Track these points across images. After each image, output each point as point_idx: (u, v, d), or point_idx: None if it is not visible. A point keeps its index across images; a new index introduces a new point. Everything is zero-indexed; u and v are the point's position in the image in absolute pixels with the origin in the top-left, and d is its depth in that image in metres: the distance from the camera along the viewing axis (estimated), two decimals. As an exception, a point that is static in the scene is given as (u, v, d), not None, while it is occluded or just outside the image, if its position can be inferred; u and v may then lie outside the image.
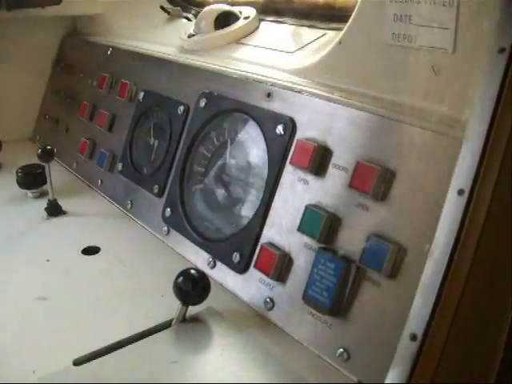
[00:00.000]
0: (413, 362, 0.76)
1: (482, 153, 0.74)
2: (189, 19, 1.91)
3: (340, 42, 1.12)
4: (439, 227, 0.77)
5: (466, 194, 0.75)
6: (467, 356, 0.84)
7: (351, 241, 0.97)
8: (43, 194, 1.67)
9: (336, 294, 0.95)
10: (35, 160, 1.60)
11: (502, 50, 0.75)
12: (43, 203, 1.59)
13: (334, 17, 1.46)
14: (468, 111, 0.79)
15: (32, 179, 1.67)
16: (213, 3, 1.88)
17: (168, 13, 1.98)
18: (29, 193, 1.69)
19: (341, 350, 0.94)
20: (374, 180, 0.94)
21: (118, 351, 1.02)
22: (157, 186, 1.44)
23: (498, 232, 0.77)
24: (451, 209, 0.76)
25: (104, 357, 1.01)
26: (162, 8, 1.99)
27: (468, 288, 0.75)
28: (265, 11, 1.67)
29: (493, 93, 0.75)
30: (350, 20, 1.09)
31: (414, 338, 0.76)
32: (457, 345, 0.79)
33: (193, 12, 1.95)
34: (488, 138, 0.74)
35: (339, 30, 1.19)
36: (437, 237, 0.77)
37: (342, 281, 0.95)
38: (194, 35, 1.63)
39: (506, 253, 0.79)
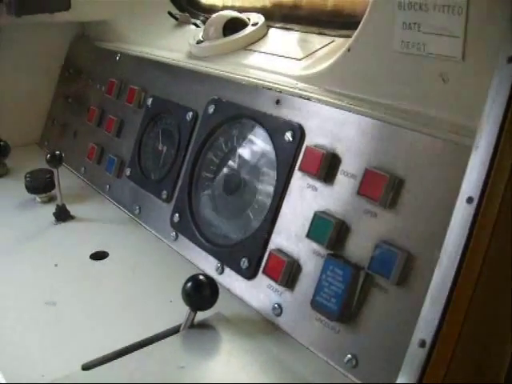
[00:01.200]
0: (422, 369, 0.76)
1: (491, 161, 0.74)
2: (197, 25, 1.92)
3: (349, 50, 1.12)
4: (448, 235, 0.77)
5: (475, 202, 0.75)
6: (476, 363, 0.84)
7: (360, 248, 0.98)
8: (51, 199, 1.68)
9: (344, 301, 0.96)
10: (43, 165, 1.61)
11: (510, 59, 0.76)
12: (51, 208, 1.59)
13: (343, 23, 1.46)
14: (477, 119, 0.79)
15: (41, 184, 1.68)
16: (221, 10, 1.89)
17: (176, 19, 1.98)
18: (37, 197, 1.70)
19: (349, 356, 0.95)
20: (382, 187, 0.94)
21: (127, 356, 1.03)
22: (165, 192, 1.45)
23: (507, 240, 0.77)
24: (460, 216, 0.76)
25: (112, 362, 1.01)
26: (170, 14, 1.99)
27: (477, 295, 0.76)
28: (273, 18, 1.68)
29: (502, 101, 0.75)
30: (359, 27, 1.09)
31: (422, 344, 0.76)
32: (466, 352, 0.79)
33: (201, 18, 1.95)
34: (497, 146, 0.74)
35: (348, 36, 1.20)
36: (445, 244, 0.77)
37: (351, 287, 0.95)
38: (202, 41, 1.64)
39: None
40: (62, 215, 1.58)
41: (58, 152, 1.55)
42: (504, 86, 0.76)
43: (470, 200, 0.76)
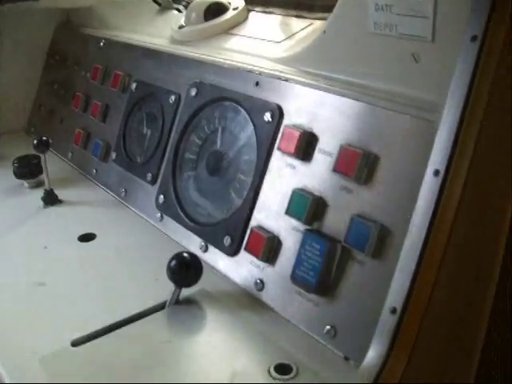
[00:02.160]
0: (393, 335, 0.80)
1: (456, 136, 0.78)
2: (179, 10, 1.93)
3: (324, 32, 1.15)
4: (417, 206, 0.81)
5: (442, 175, 0.78)
6: (451, 331, 0.87)
7: (336, 222, 1.01)
8: (39, 184, 1.70)
9: (322, 273, 0.99)
10: (30, 151, 1.63)
11: (474, 38, 0.79)
12: (39, 193, 1.62)
13: (321, 7, 1.49)
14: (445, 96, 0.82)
15: (28, 170, 1.70)
16: (203, -6, 1.91)
17: (159, 4, 2.00)
18: (25, 183, 1.72)
19: (328, 327, 0.98)
20: (356, 163, 0.97)
21: (115, 332, 1.06)
22: (150, 174, 1.47)
23: (472, 211, 0.81)
24: (427, 189, 0.80)
25: (101, 338, 1.04)
26: (153, 0, 2.01)
27: (445, 263, 0.79)
28: (253, 2, 1.69)
29: (466, 79, 0.79)
30: (334, 10, 1.12)
31: (393, 311, 0.80)
32: (437, 319, 0.83)
33: (183, 3, 1.97)
34: (462, 121, 0.78)
35: (325, 19, 1.22)
36: (414, 215, 0.81)
37: (328, 260, 0.99)
38: (184, 26, 1.66)
39: (479, 232, 0.83)
40: (50, 199, 1.60)
41: (44, 138, 1.57)
42: (468, 64, 0.79)
43: (436, 173, 0.79)
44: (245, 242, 1.17)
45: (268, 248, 1.11)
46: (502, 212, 0.84)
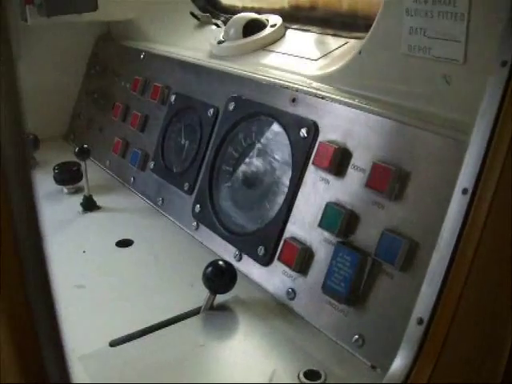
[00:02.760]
0: (419, 344, 0.83)
1: (485, 156, 0.81)
2: (218, 25, 1.97)
3: (360, 52, 1.19)
4: (444, 223, 0.84)
5: (470, 193, 0.82)
6: (473, 342, 0.90)
7: (367, 236, 1.05)
8: (78, 191, 1.76)
9: (352, 285, 1.03)
10: (69, 157, 1.69)
11: (504, 63, 0.82)
12: (78, 199, 1.67)
13: (357, 25, 1.52)
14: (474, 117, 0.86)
15: (68, 176, 1.75)
16: (241, 10, 1.96)
17: (198, 19, 2.04)
18: (64, 188, 1.77)
19: (356, 336, 1.01)
20: (388, 180, 1.01)
21: (151, 334, 1.10)
22: (187, 184, 1.52)
23: (498, 228, 0.84)
24: (456, 206, 0.83)
25: (138, 339, 1.09)
26: (192, 14, 2.05)
27: (471, 278, 0.82)
28: (290, 19, 1.74)
29: (495, 102, 0.82)
30: (370, 31, 1.16)
31: (420, 321, 0.83)
32: (462, 330, 0.85)
33: (221, 19, 2.01)
34: (490, 141, 0.81)
35: (361, 38, 1.25)
36: (442, 231, 0.84)
37: (358, 272, 1.02)
38: (223, 41, 1.71)
39: (504, 248, 0.86)
40: (89, 205, 1.66)
41: (85, 146, 1.63)
42: (498, 88, 0.82)
43: (465, 191, 0.82)
44: (278, 252, 1.20)
45: (301, 259, 1.14)
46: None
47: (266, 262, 1.23)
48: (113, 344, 1.08)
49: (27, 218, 0.47)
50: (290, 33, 1.68)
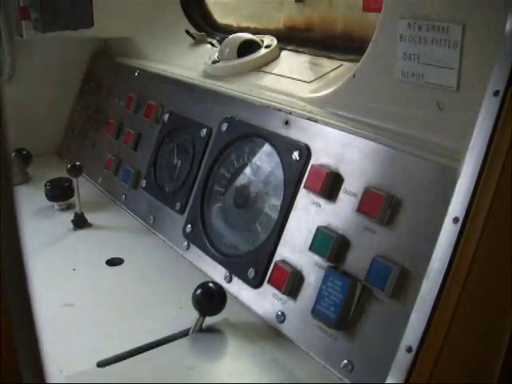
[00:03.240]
0: (408, 372, 0.83)
1: (476, 185, 0.81)
2: (213, 45, 1.98)
3: (354, 76, 1.19)
4: (435, 251, 0.84)
5: (460, 222, 0.82)
6: (466, 369, 0.90)
7: (358, 261, 1.04)
8: (69, 207, 1.75)
9: (342, 310, 1.02)
10: (62, 173, 1.68)
11: (496, 93, 0.83)
12: (69, 215, 1.67)
13: (352, 48, 1.53)
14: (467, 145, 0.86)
15: (60, 192, 1.75)
16: (236, 30, 1.96)
17: (193, 38, 2.05)
18: (56, 205, 1.76)
19: (345, 361, 1.01)
20: (380, 206, 1.01)
21: (139, 355, 1.10)
22: (179, 204, 1.52)
23: (490, 258, 0.84)
24: (446, 235, 0.83)
25: (126, 360, 1.08)
26: (188, 33, 2.06)
27: (461, 307, 0.82)
28: (285, 40, 1.74)
29: (487, 132, 0.82)
30: (364, 56, 1.17)
31: (409, 350, 0.83)
32: (451, 359, 0.85)
33: (217, 38, 2.02)
34: (482, 171, 0.82)
35: (355, 61, 1.26)
36: (432, 259, 0.84)
37: (348, 298, 1.02)
38: (217, 61, 1.71)
39: (496, 277, 0.86)
40: (80, 222, 1.65)
41: (78, 163, 1.62)
42: (489, 118, 0.83)
43: (455, 220, 0.83)
44: (268, 274, 1.20)
45: (291, 282, 1.14)
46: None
47: (256, 284, 1.23)
48: (101, 364, 1.08)
49: (8, 234, 0.47)
50: (284, 54, 1.69)
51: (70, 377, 1.04)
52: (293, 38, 1.79)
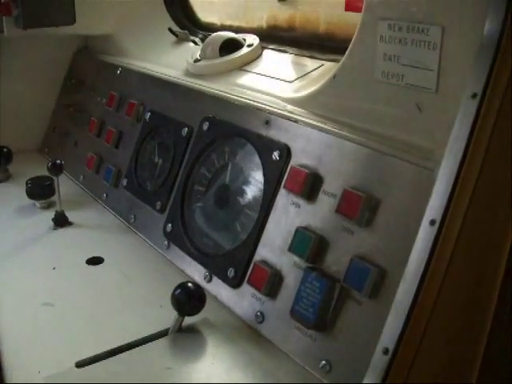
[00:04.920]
0: (384, 374, 0.83)
1: (453, 188, 0.82)
2: (195, 43, 1.97)
3: (334, 76, 1.19)
4: (412, 253, 0.84)
5: (437, 224, 0.82)
6: (440, 370, 0.90)
7: (336, 262, 1.04)
8: (50, 205, 1.74)
9: (320, 311, 1.02)
10: (43, 171, 1.67)
11: (474, 96, 0.83)
12: (50, 214, 1.66)
13: (333, 48, 1.53)
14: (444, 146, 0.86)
15: (41, 191, 1.74)
16: (219, 28, 1.96)
17: (176, 35, 2.05)
18: (37, 203, 1.76)
19: (323, 362, 1.01)
20: (358, 206, 1.01)
21: (118, 356, 1.09)
22: (159, 203, 1.51)
23: (466, 261, 0.84)
24: (423, 237, 0.83)
25: (104, 360, 1.08)
26: (171, 31, 2.06)
27: (437, 309, 0.82)
28: (268, 39, 1.74)
29: (465, 133, 0.82)
30: (344, 56, 1.16)
31: (386, 351, 0.83)
32: (428, 360, 0.86)
33: (200, 36, 2.01)
34: (459, 174, 0.82)
35: (337, 60, 1.25)
36: (409, 262, 0.84)
37: (327, 298, 1.02)
38: (199, 60, 1.71)
39: (473, 279, 0.86)
40: (61, 221, 1.64)
41: (58, 161, 1.61)
42: (467, 120, 0.83)
43: (432, 222, 0.83)
44: (248, 275, 1.20)
45: (270, 282, 1.14)
46: (496, 264, 0.87)
47: (235, 284, 1.22)
48: (79, 365, 1.07)
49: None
50: (266, 53, 1.69)
51: (49, 377, 1.04)
52: (275, 37, 1.79)
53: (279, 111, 1.29)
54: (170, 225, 1.45)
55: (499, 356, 0.94)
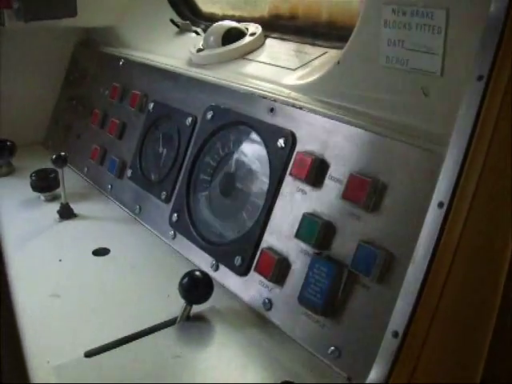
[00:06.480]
0: (394, 357, 0.83)
1: (460, 170, 0.82)
2: (197, 33, 1.97)
3: (338, 62, 1.19)
4: (420, 236, 0.84)
5: (445, 207, 0.82)
6: (450, 354, 0.90)
7: (344, 247, 1.05)
8: (55, 198, 1.74)
9: (328, 296, 1.02)
10: (47, 164, 1.67)
11: (480, 78, 0.83)
12: (55, 206, 1.66)
13: (336, 35, 1.52)
14: (451, 130, 0.86)
15: (45, 183, 1.74)
16: (221, 18, 1.95)
17: (178, 26, 2.04)
18: (41, 196, 1.76)
19: (332, 348, 1.01)
20: (365, 191, 1.01)
21: (127, 345, 1.10)
22: (164, 193, 1.51)
23: (474, 243, 0.84)
24: (431, 220, 0.83)
25: (113, 350, 1.08)
26: (172, 22, 2.05)
27: (446, 292, 0.82)
28: (270, 28, 1.74)
29: (471, 116, 0.82)
30: (348, 42, 1.16)
31: (395, 335, 0.83)
32: (438, 343, 0.86)
33: (201, 26, 2.01)
34: (466, 156, 0.82)
35: (340, 48, 1.25)
36: (418, 244, 0.84)
37: (334, 284, 1.02)
38: (202, 50, 1.70)
39: (482, 262, 0.86)
40: (66, 213, 1.64)
41: (63, 153, 1.61)
42: (474, 102, 0.83)
43: (440, 205, 0.83)
44: (255, 262, 1.20)
45: (277, 269, 1.14)
46: (503, 244, 0.87)
47: (242, 272, 1.22)
48: (88, 354, 1.07)
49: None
50: (269, 42, 1.69)
51: (57, 367, 1.04)
52: (277, 25, 1.78)
53: (283, 98, 1.29)
54: (175, 214, 1.45)
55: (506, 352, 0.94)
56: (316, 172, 1.13)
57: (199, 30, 2.00)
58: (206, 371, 1.04)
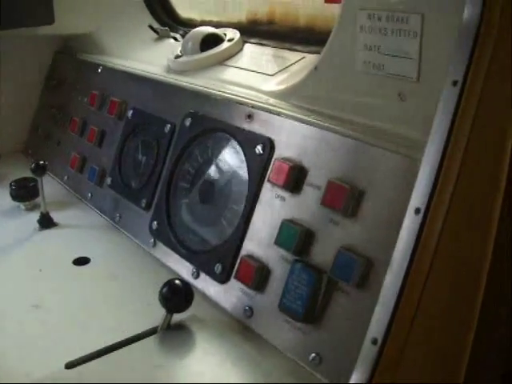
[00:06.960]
0: (373, 364, 0.83)
1: (437, 176, 0.82)
2: (176, 39, 1.97)
3: (316, 68, 1.19)
4: (398, 243, 0.84)
5: (422, 213, 0.82)
6: (430, 360, 0.90)
7: (323, 254, 1.04)
8: (35, 207, 1.73)
9: (309, 303, 1.02)
10: (27, 172, 1.66)
11: (455, 83, 0.83)
12: (35, 215, 1.65)
13: (314, 40, 1.52)
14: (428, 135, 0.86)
15: (25, 192, 1.73)
16: (200, 24, 1.95)
17: (156, 32, 2.04)
18: (21, 205, 1.75)
19: (313, 354, 1.01)
20: (343, 198, 1.01)
21: (107, 356, 1.09)
22: (144, 200, 1.51)
23: (452, 249, 0.84)
24: (408, 226, 0.83)
25: (94, 361, 1.07)
26: (151, 28, 2.05)
27: (425, 298, 0.82)
28: (248, 33, 1.73)
29: (447, 121, 0.82)
30: (325, 48, 1.16)
31: (374, 341, 0.83)
32: (417, 349, 0.85)
33: (180, 32, 2.01)
34: (442, 162, 0.82)
35: (318, 52, 1.25)
36: (396, 251, 0.84)
37: (314, 290, 1.02)
38: (180, 56, 1.70)
39: (459, 268, 0.86)
40: (46, 222, 1.63)
41: (42, 162, 1.60)
42: (449, 107, 0.83)
43: (417, 211, 0.83)
44: (235, 270, 1.20)
45: (257, 277, 1.14)
46: (482, 250, 0.87)
47: (223, 279, 1.22)
48: (69, 366, 1.06)
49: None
50: (247, 47, 1.68)
51: (38, 379, 1.03)
52: (256, 31, 1.78)
53: (261, 104, 1.28)
54: (155, 222, 1.45)
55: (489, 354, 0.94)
56: (294, 178, 1.13)
57: (178, 36, 1.99)
58: (188, 380, 1.04)
